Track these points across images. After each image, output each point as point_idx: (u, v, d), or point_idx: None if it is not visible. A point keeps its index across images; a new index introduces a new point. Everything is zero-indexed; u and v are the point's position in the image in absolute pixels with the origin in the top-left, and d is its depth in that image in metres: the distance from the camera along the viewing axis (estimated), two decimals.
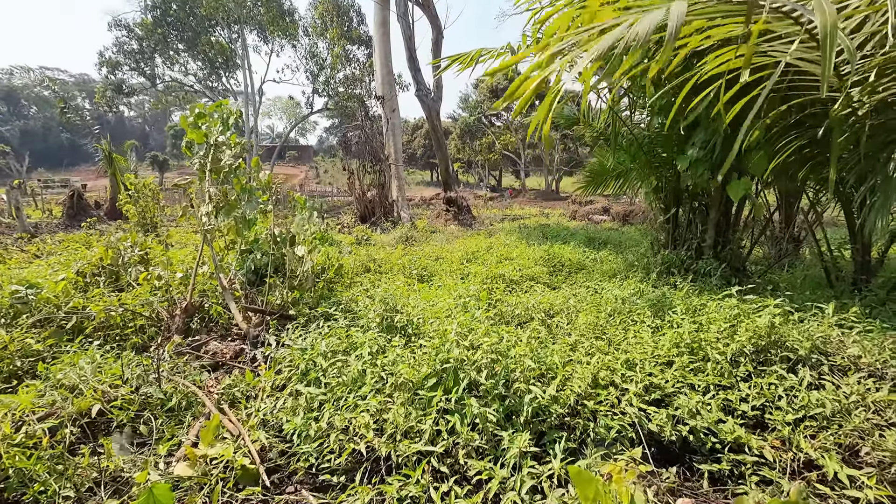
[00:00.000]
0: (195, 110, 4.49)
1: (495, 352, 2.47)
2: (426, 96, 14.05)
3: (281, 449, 2.30)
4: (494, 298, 4.14)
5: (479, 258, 6.55)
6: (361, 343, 2.86)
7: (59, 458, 1.94)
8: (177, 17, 29.57)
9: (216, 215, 4.15)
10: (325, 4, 29.11)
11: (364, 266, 5.97)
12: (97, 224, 14.83)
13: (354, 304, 3.85)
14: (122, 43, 30.28)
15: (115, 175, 18.53)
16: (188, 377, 2.78)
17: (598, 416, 2.28)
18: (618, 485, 1.28)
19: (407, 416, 2.22)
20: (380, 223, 12.10)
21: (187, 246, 5.83)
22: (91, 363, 2.69)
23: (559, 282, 5.42)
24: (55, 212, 20.83)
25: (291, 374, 2.83)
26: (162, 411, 2.50)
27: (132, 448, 2.28)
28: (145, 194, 9.31)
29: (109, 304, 3.50)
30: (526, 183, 42.58)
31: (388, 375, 2.52)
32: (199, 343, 3.44)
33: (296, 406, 2.45)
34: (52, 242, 9.80)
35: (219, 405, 2.58)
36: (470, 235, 10.52)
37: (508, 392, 2.29)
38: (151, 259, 4.60)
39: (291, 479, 2.14)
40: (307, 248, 3.92)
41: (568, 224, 14.03)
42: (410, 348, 2.84)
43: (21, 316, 3.30)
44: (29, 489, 1.78)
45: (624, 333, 3.23)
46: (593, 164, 7.90)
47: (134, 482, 1.99)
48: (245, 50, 31.63)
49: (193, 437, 2.36)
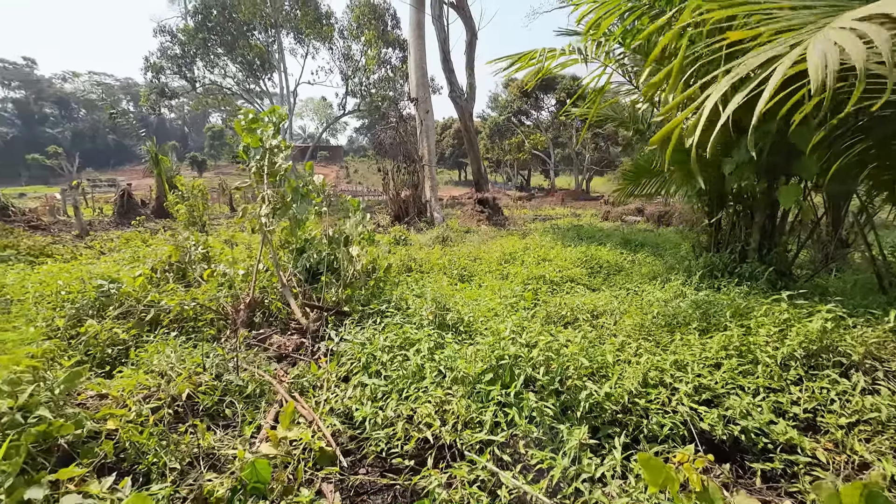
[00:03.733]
0: (248, 115, 4.75)
1: (550, 350, 2.59)
2: (459, 97, 14.20)
3: (351, 434, 2.50)
4: (539, 299, 4.26)
5: (517, 259, 6.66)
6: (418, 339, 3.04)
7: (163, 435, 2.19)
8: (217, 21, 30.74)
9: (273, 216, 4.42)
10: (360, 8, 29.68)
11: (405, 265, 6.17)
12: (145, 222, 15.65)
13: (404, 303, 4.03)
14: (166, 48, 31.70)
15: (160, 175, 19.46)
16: (260, 367, 3.02)
17: (650, 413, 2.38)
18: (689, 472, 1.38)
19: (468, 408, 2.38)
20: (414, 223, 12.34)
21: (238, 244, 6.18)
22: (175, 352, 2.96)
23: (598, 283, 5.48)
24: (105, 210, 22.05)
25: (353, 367, 3.03)
26: (241, 397, 2.74)
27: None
28: (194, 195, 9.81)
29: (182, 299, 3.80)
30: (555, 182, 42.19)
31: (447, 370, 2.69)
32: (263, 336, 3.70)
33: (362, 396, 2.65)
34: (106, 239, 10.46)
35: (290, 393, 2.80)
36: (504, 236, 10.61)
37: (563, 388, 2.42)
38: (212, 257, 4.93)
39: (363, 463, 2.33)
40: (360, 248, 4.13)
41: (601, 225, 13.92)
42: (464, 345, 2.99)
43: (107, 308, 3.63)
44: (142, 461, 2.03)
45: (670, 335, 3.30)
46: (629, 165, 7.87)
47: (226, 458, 2.22)
48: (281, 53, 32.58)
49: (271, 420, 2.58)
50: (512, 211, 21.18)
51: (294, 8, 30.21)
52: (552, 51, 5.26)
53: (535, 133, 40.14)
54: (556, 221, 15.31)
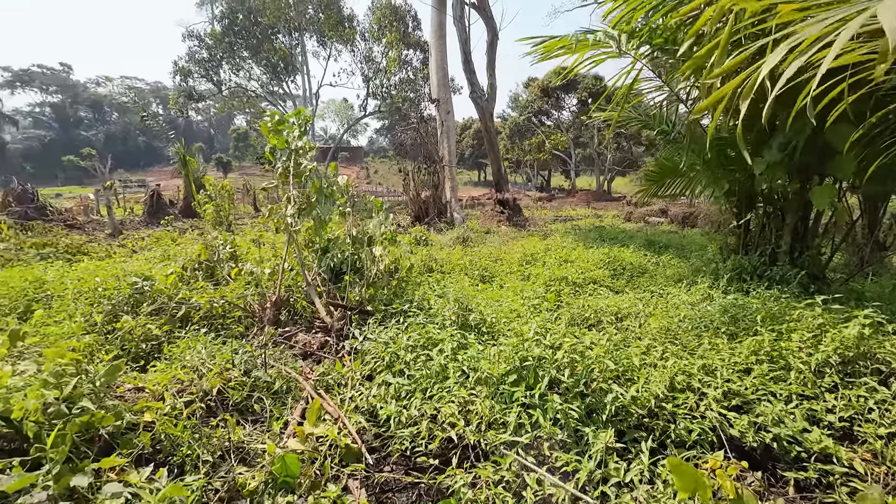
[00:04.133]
0: (275, 117, 4.84)
1: (575, 352, 2.58)
2: (480, 98, 14.19)
3: (375, 432, 2.53)
4: (562, 300, 4.23)
5: (539, 260, 6.62)
6: (441, 339, 3.05)
7: (196, 428, 2.26)
8: (243, 25, 31.45)
9: (298, 216, 4.50)
10: (382, 10, 29.96)
11: (426, 266, 6.20)
12: (173, 222, 16.12)
13: (426, 303, 4.06)
14: (194, 52, 32.56)
15: (188, 176, 20.00)
16: (287, 364, 3.08)
17: (678, 418, 2.34)
18: (721, 479, 1.36)
19: (491, 409, 2.38)
20: (434, 223, 12.38)
21: (265, 244, 6.31)
22: (206, 348, 3.05)
23: (622, 285, 5.40)
24: (136, 210, 22.78)
25: (377, 365, 3.07)
26: (268, 393, 2.80)
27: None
28: (221, 195, 10.06)
29: (211, 297, 3.91)
30: (576, 183, 41.71)
31: (470, 370, 2.70)
32: (289, 334, 3.77)
33: (386, 394, 2.68)
34: (137, 238, 10.81)
35: (316, 390, 2.86)
36: (524, 237, 10.56)
37: (588, 391, 2.40)
38: (239, 256, 5.05)
39: (388, 460, 2.36)
40: (383, 248, 4.18)
41: (624, 226, 13.71)
42: (487, 346, 3.00)
43: (141, 305, 3.77)
44: (177, 453, 2.10)
45: (698, 339, 3.23)
46: (653, 165, 7.72)
47: (255, 452, 2.28)
48: (304, 55, 33.12)
49: (298, 416, 2.64)
50: (532, 212, 21.05)
51: (317, 11, 30.70)
52: (583, 40, 5.06)
53: (556, 133, 39.74)
54: (577, 222, 15.15)
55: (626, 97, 5.42)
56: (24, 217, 13.05)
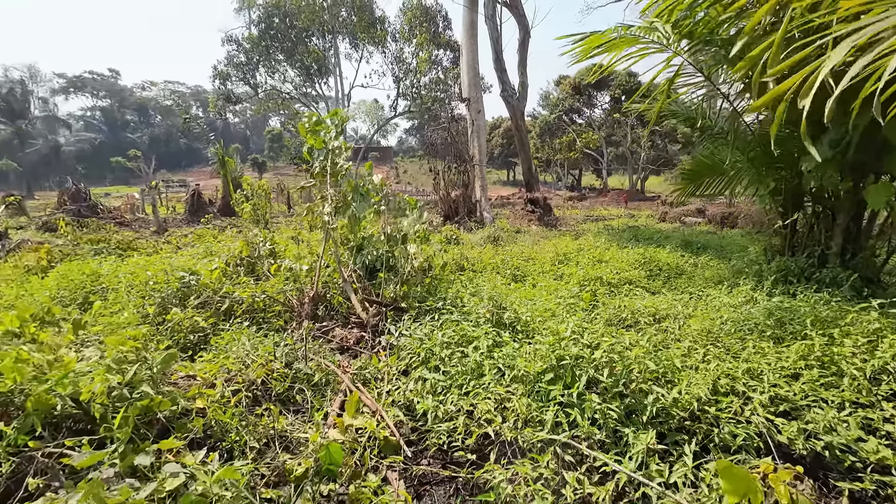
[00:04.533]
0: (312, 118, 4.96)
1: (613, 351, 2.55)
2: (511, 97, 14.11)
3: (412, 426, 2.57)
4: (598, 300, 4.17)
5: (571, 260, 6.54)
6: (476, 336, 3.07)
7: (243, 416, 2.36)
8: (278, 29, 32.31)
9: (335, 214, 4.61)
10: (413, 11, 30.19)
11: (458, 264, 6.23)
12: (212, 220, 16.77)
13: (459, 301, 4.08)
14: (232, 56, 33.68)
15: (226, 176, 20.73)
16: (325, 358, 3.17)
17: (721, 422, 2.28)
18: (775, 484, 1.32)
19: (528, 407, 2.38)
20: (464, 223, 12.40)
21: (303, 241, 6.48)
22: (249, 341, 3.17)
23: (658, 286, 5.28)
24: (178, 209, 23.81)
25: (413, 361, 3.12)
26: (308, 385, 2.89)
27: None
28: (258, 194, 10.38)
29: (253, 292, 4.06)
30: (608, 182, 40.88)
31: (506, 368, 2.70)
32: (326, 328, 3.88)
33: (423, 389, 2.72)
34: (180, 235, 11.29)
35: (354, 383, 2.93)
36: (556, 236, 10.44)
37: (628, 391, 2.36)
38: (278, 253, 5.22)
39: (425, 454, 2.39)
40: (416, 246, 4.23)
41: (659, 226, 13.35)
42: (523, 344, 3.00)
43: (188, 298, 3.95)
44: (226, 439, 2.20)
45: (741, 342, 3.13)
46: (690, 163, 7.49)
47: (297, 440, 2.36)
48: (337, 57, 33.76)
49: (337, 408, 2.71)
50: (563, 211, 20.77)
51: (350, 14, 31.23)
52: (625, 35, 4.96)
53: (588, 131, 39.05)
54: (609, 222, 14.85)
55: (667, 92, 5.29)
56: (77, 215, 13.88)
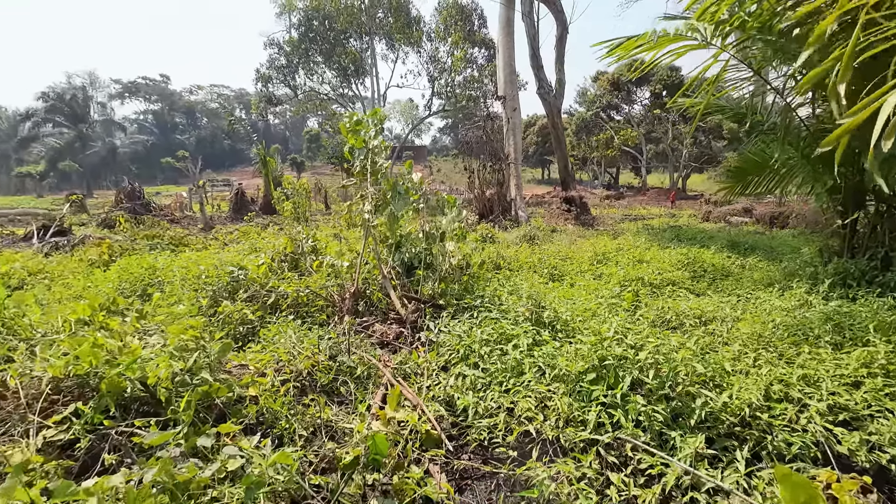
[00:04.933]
0: (353, 118, 5.07)
1: (659, 353, 2.49)
2: (548, 94, 13.93)
3: (452, 421, 2.61)
4: (640, 301, 4.08)
5: (611, 259, 6.40)
6: (515, 334, 3.07)
7: (291, 405, 2.46)
8: (317, 31, 33.14)
9: (375, 212, 4.71)
10: (448, 10, 30.29)
11: (494, 263, 6.22)
12: (255, 218, 17.40)
13: (497, 299, 4.09)
14: (273, 59, 34.81)
15: (267, 175, 21.47)
16: (367, 352, 3.25)
17: (775, 429, 2.19)
18: (840, 494, 1.27)
19: (570, 406, 2.37)
20: (498, 221, 12.35)
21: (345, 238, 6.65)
22: (295, 333, 3.30)
23: (703, 288, 5.09)
24: (223, 207, 24.82)
25: (452, 357, 3.16)
26: (351, 378, 2.98)
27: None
28: (299, 193, 10.71)
29: (297, 286, 4.21)
30: (647, 180, 39.64)
31: (546, 367, 2.69)
32: (366, 323, 3.97)
33: (462, 385, 2.75)
34: (226, 232, 11.78)
35: (395, 377, 2.99)
36: (593, 236, 10.24)
37: (674, 394, 2.31)
38: (319, 250, 5.38)
39: (466, 449, 2.42)
40: (455, 244, 4.26)
41: (702, 226, 12.85)
42: (563, 343, 2.98)
43: (237, 292, 4.14)
44: (277, 426, 2.30)
45: (796, 348, 2.99)
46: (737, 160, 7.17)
47: (342, 430, 2.44)
48: (373, 58, 34.30)
49: (379, 401, 2.78)
50: (600, 210, 20.33)
51: (387, 15, 31.66)
52: (664, 35, 4.90)
53: (626, 128, 37.98)
54: (649, 222, 14.42)
55: (713, 87, 5.10)
56: (133, 212, 14.74)
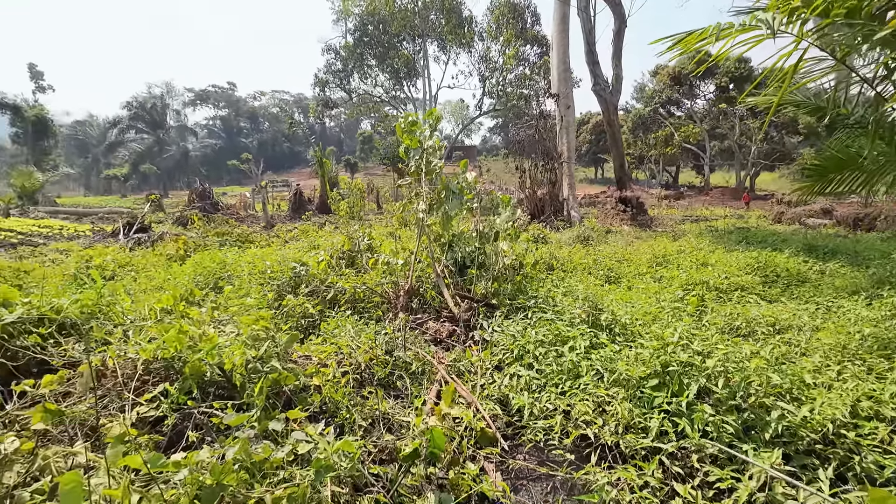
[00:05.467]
0: (408, 119, 5.15)
1: (729, 361, 2.36)
2: (603, 90, 13.51)
3: (507, 420, 2.60)
4: (706, 306, 3.87)
5: (671, 262, 6.11)
6: (571, 336, 3.02)
7: (352, 396, 2.56)
8: (372, 36, 34.09)
9: (429, 211, 4.78)
10: (500, 9, 30.16)
11: (547, 263, 6.13)
12: (312, 217, 18.15)
13: (551, 300, 4.03)
14: (331, 64, 36.20)
15: (323, 176, 22.35)
16: (422, 349, 3.31)
17: (863, 449, 2.01)
18: None
19: (630, 412, 2.29)
20: (550, 221, 12.13)
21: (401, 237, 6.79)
22: (353, 328, 3.42)
23: (775, 294, 4.74)
24: (282, 206, 26.13)
25: (506, 357, 3.15)
26: (407, 373, 3.04)
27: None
28: (354, 193, 11.05)
29: (354, 283, 4.36)
30: (710, 179, 37.40)
31: (605, 370, 2.62)
32: (420, 321, 4.04)
33: (517, 385, 2.74)
34: (286, 230, 12.37)
35: (449, 374, 3.03)
36: (650, 237, 9.82)
37: (746, 405, 2.18)
38: (374, 248, 5.53)
39: (521, 449, 2.41)
40: (508, 244, 4.24)
41: (774, 228, 11.95)
42: (623, 347, 2.89)
43: (299, 287, 4.35)
44: (338, 415, 2.40)
45: (887, 361, 2.72)
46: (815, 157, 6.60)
47: (398, 423, 2.50)
48: (426, 60, 34.79)
49: (434, 397, 2.83)
50: (657, 210, 19.44)
51: (439, 17, 32.01)
52: (727, 28, 4.68)
53: (687, 124, 36.00)
54: (713, 223, 13.61)
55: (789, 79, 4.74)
56: (203, 211, 15.87)
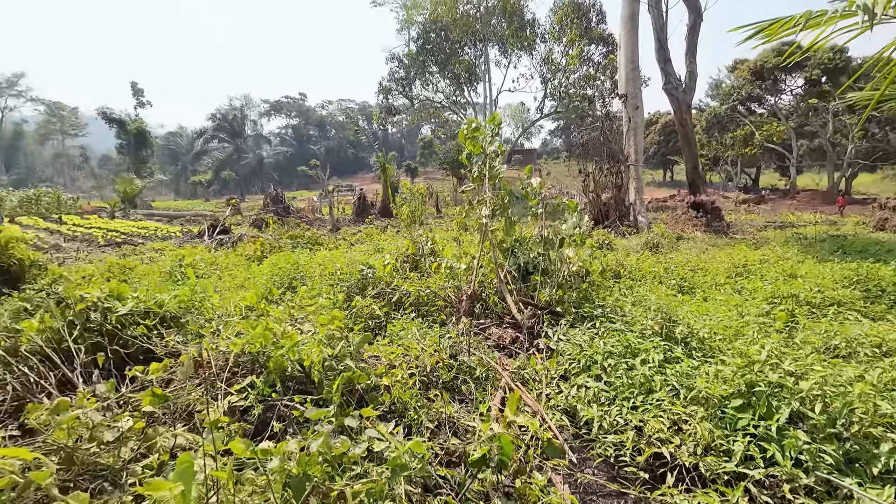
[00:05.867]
0: (471, 125, 5.18)
1: (827, 384, 2.15)
2: (675, 89, 12.82)
3: (574, 432, 2.54)
4: (797, 322, 3.55)
5: (753, 272, 5.66)
6: (643, 349, 2.89)
7: (418, 398, 2.62)
8: (434, 43, 34.76)
9: (492, 216, 4.78)
10: (564, 9, 29.60)
11: (613, 271, 5.91)
12: (374, 220, 18.76)
13: (619, 309, 3.88)
14: (394, 72, 37.34)
15: (386, 181, 23.04)
16: (486, 354, 3.32)
17: None
18: None
19: (710, 433, 2.16)
20: (615, 227, 11.67)
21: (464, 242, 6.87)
22: (418, 330, 3.50)
23: (880, 312, 4.24)
24: (346, 210, 27.24)
25: (572, 367, 3.08)
26: (471, 378, 3.06)
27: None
28: (416, 197, 11.29)
29: (419, 286, 4.46)
30: (796, 181, 34.18)
31: (681, 387, 2.49)
32: (483, 326, 4.06)
33: (585, 396, 2.67)
34: (351, 233, 12.88)
35: (514, 382, 3.01)
36: (727, 245, 9.15)
37: (849, 433, 1.97)
38: (437, 252, 5.63)
39: (589, 463, 2.35)
40: (574, 251, 4.15)
41: (876, 236, 10.68)
42: (702, 363, 2.72)
43: (366, 288, 4.52)
44: (406, 416, 2.47)
45: None
46: None
47: (463, 427, 2.53)
48: (487, 64, 34.90)
49: (498, 403, 2.82)
50: (735, 216, 18.06)
51: (500, 21, 32.02)
52: (819, 14, 4.30)
53: (770, 122, 33.14)
54: (800, 230, 12.42)
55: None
56: (277, 214, 16.96)
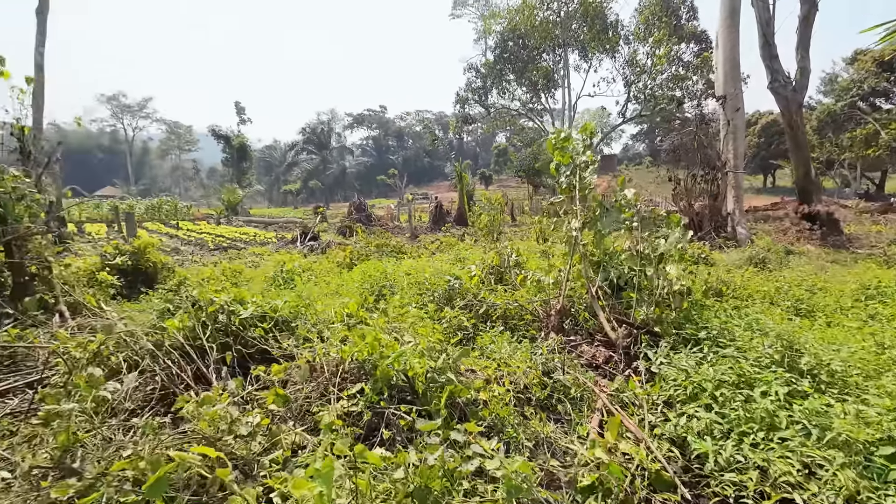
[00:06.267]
0: (560, 134, 5.08)
1: None
2: (784, 87, 11.62)
3: (683, 465, 2.38)
4: None
5: (887, 295, 4.94)
6: (764, 380, 2.64)
7: (516, 415, 2.61)
8: (511, 51, 34.70)
9: (582, 229, 4.65)
10: (651, 8, 28.16)
11: (713, 289, 5.46)
12: (450, 228, 19.05)
13: (727, 332, 3.58)
14: (471, 82, 37.80)
15: (462, 190, 23.32)
16: (580, 373, 3.23)
17: None
18: None
19: (854, 482, 1.91)
20: (710, 239, 10.79)
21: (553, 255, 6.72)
22: (509, 345, 3.49)
23: None
24: (423, 218, 27.96)
25: (677, 394, 2.89)
26: (566, 397, 3.00)
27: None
28: (494, 206, 11.31)
29: (506, 299, 4.45)
30: None
31: (814, 427, 2.23)
32: (573, 343, 3.95)
33: (695, 428, 2.49)
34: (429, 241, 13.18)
35: (612, 404, 2.89)
36: (849, 261, 8.08)
37: None
38: (522, 264, 5.58)
39: (702, 502, 2.18)
40: (677, 268, 3.90)
41: None
42: (838, 401, 2.43)
43: (453, 299, 4.61)
44: (504, 433, 2.48)
45: None
46: None
47: (561, 449, 2.48)
48: (566, 70, 34.14)
49: (596, 426, 2.73)
50: (855, 227, 15.87)
51: (581, 25, 31.18)
52: None
53: None
54: None
55: None
56: (359, 222, 17.88)
